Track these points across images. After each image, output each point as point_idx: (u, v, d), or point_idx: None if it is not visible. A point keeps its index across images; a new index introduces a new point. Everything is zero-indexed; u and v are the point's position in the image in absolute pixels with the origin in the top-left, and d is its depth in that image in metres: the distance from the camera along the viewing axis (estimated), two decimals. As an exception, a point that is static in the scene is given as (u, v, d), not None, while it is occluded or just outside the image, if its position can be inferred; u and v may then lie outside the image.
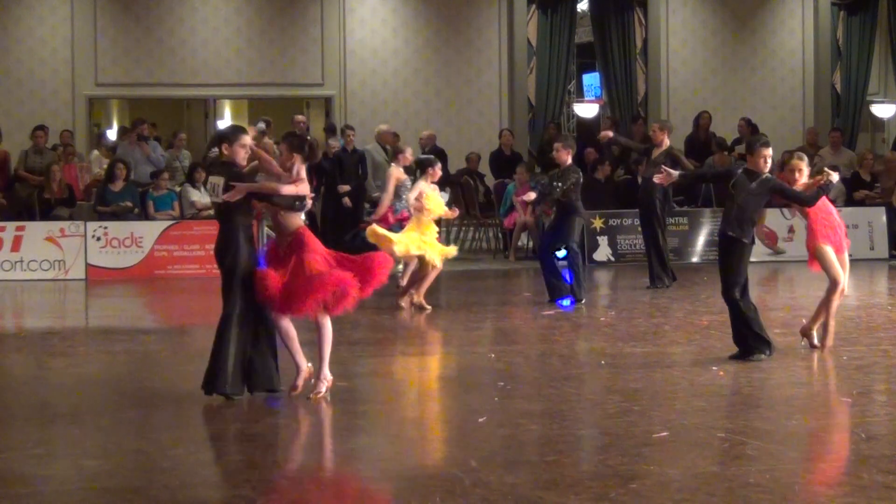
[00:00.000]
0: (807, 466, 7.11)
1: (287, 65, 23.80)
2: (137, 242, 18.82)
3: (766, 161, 10.53)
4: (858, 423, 8.18)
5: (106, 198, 19.43)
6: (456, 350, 11.96)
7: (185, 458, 7.75)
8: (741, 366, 10.37)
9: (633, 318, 13.72)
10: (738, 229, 10.51)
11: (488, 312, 14.52)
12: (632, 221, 19.70)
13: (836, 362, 10.61)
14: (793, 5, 25.54)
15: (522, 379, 10.30)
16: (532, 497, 6.53)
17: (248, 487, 6.94)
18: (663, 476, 6.94)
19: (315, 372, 9.19)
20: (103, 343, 12.65)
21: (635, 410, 8.68)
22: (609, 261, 20.03)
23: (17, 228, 18.75)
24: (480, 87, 24.41)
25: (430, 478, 7.05)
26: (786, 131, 24.84)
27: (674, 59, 25.09)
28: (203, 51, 23.54)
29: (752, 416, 8.67)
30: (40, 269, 18.58)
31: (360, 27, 24.04)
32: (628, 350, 11.37)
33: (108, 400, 9.38)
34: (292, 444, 8.13)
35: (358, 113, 23.65)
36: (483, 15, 24.47)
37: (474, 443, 7.87)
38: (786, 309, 14.27)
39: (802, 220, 11.39)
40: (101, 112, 26.80)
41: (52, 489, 6.94)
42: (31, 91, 23.05)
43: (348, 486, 6.93)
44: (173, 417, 8.74)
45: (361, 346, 12.18)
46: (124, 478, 7.12)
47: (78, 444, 8.01)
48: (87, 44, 23.11)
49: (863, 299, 16.00)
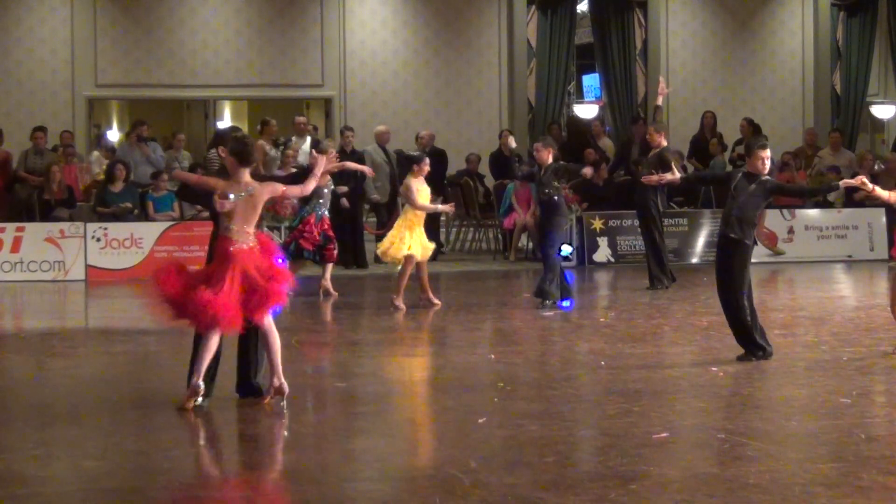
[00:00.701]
0: (807, 467, 7.11)
1: (287, 66, 23.81)
2: (137, 243, 18.82)
3: (763, 163, 10.53)
4: (858, 424, 8.17)
5: (106, 199, 19.43)
6: (455, 351, 11.95)
7: (185, 459, 7.75)
8: (741, 366, 10.37)
9: (633, 319, 13.72)
10: (739, 231, 10.50)
11: (488, 313, 14.52)
12: (631, 222, 19.68)
13: (835, 363, 10.61)
14: (793, 6, 25.54)
15: (522, 380, 10.29)
16: (532, 498, 6.53)
17: (248, 488, 6.94)
18: (663, 477, 6.93)
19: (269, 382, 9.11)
20: (103, 344, 12.65)
21: (635, 411, 8.67)
22: (609, 262, 20.03)
23: (16, 229, 18.74)
24: (480, 88, 24.41)
25: (430, 478, 7.05)
26: (786, 132, 24.85)
27: (673, 61, 25.10)
28: (203, 52, 23.54)
29: (752, 416, 8.67)
30: (40, 270, 18.57)
31: (361, 28, 24.05)
32: (628, 351, 11.37)
33: (107, 401, 9.37)
34: (292, 445, 8.12)
35: (358, 114, 23.65)
36: (483, 16, 24.47)
37: (474, 443, 7.86)
38: (785, 310, 14.28)
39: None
40: (102, 113, 26.80)
41: (52, 490, 6.93)
42: (31, 92, 23.05)
43: (347, 486, 6.92)
44: (173, 418, 8.72)
45: (360, 347, 12.19)
46: (124, 478, 7.12)
47: (77, 445, 8.01)
48: (86, 45, 23.11)
49: (862, 300, 16.01)
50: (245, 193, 8.79)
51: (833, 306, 15.08)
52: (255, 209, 8.84)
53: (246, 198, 8.78)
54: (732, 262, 10.53)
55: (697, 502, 6.42)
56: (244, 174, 8.84)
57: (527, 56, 24.37)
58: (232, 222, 8.76)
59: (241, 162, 8.83)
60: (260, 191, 8.85)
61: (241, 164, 8.84)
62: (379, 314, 14.96)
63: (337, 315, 14.75)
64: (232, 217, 8.77)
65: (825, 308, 14.82)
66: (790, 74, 25.55)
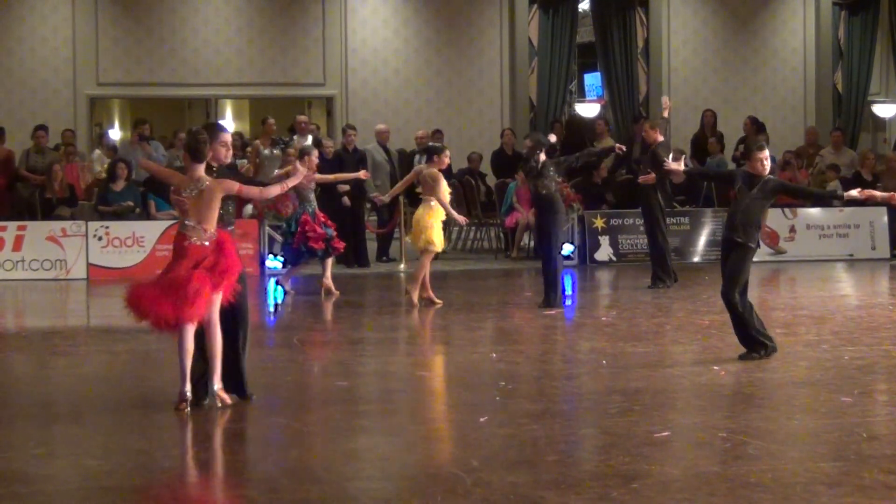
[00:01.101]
0: (808, 466, 7.10)
1: (289, 64, 23.82)
2: (139, 242, 18.82)
3: (763, 164, 10.52)
4: (860, 423, 8.17)
5: (107, 197, 19.43)
6: (457, 350, 11.95)
7: (186, 458, 7.75)
8: (742, 365, 10.37)
9: (635, 317, 13.71)
10: (743, 235, 10.49)
11: (490, 312, 14.52)
12: (633, 221, 19.71)
13: (837, 362, 10.61)
14: (794, 5, 25.54)
15: (524, 378, 10.29)
16: (533, 497, 6.53)
17: (250, 487, 6.94)
18: (665, 476, 6.93)
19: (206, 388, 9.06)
20: (105, 343, 12.65)
21: (636, 410, 8.68)
22: (611, 260, 20.02)
23: (18, 228, 18.74)
24: (482, 86, 24.42)
25: (432, 477, 7.05)
26: (787, 131, 24.85)
27: (675, 59, 25.10)
28: (204, 50, 23.55)
29: (754, 415, 8.66)
30: (42, 268, 18.57)
31: (362, 27, 24.06)
32: (630, 350, 11.37)
33: (109, 399, 9.38)
34: (293, 444, 8.12)
35: (359, 112, 23.65)
36: (484, 15, 24.48)
37: (475, 442, 7.86)
38: (787, 308, 14.28)
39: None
40: (104, 112, 26.81)
41: (53, 488, 6.94)
42: (33, 90, 23.07)
43: (349, 485, 6.92)
44: (174, 417, 8.72)
45: (362, 346, 12.19)
46: (125, 477, 7.11)
47: (79, 444, 8.01)
48: (88, 43, 23.12)
49: (864, 299, 16.01)
50: (196, 190, 8.79)
51: (834, 305, 15.08)
52: (210, 206, 8.78)
53: (197, 194, 8.78)
54: (735, 263, 10.51)
55: (699, 501, 6.42)
56: (198, 170, 8.83)
57: (528, 55, 24.38)
58: (186, 218, 8.79)
59: (194, 157, 8.82)
60: (212, 187, 8.80)
61: (194, 159, 8.83)
62: (381, 313, 14.97)
63: (338, 314, 14.75)
64: (186, 213, 8.79)
65: (826, 307, 14.81)
66: (792, 73, 25.56)
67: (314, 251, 15.52)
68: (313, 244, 15.41)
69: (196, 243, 8.76)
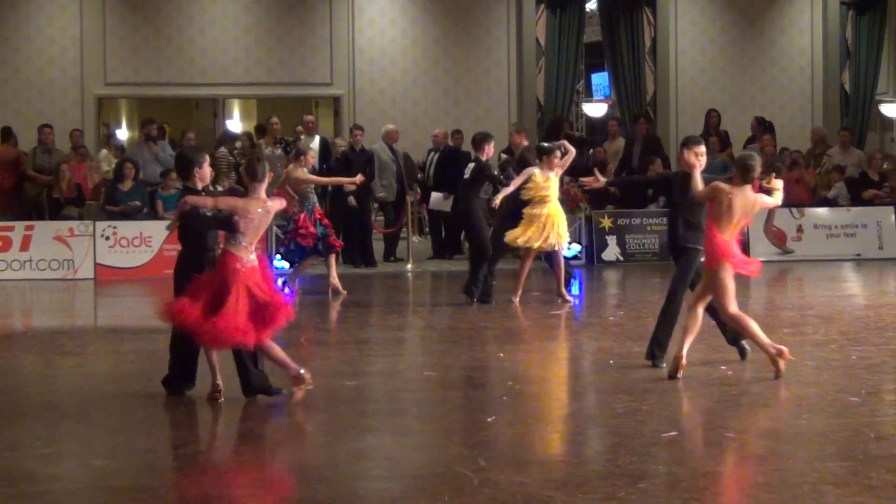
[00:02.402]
0: (815, 466, 7.10)
1: (296, 64, 23.83)
2: (146, 242, 18.82)
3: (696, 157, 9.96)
4: (867, 423, 8.16)
5: (115, 197, 19.44)
6: (464, 349, 11.95)
7: (194, 458, 7.76)
8: (749, 365, 10.36)
9: (642, 317, 13.69)
10: (693, 239, 10.12)
11: (497, 311, 14.51)
12: (640, 221, 19.71)
13: (844, 362, 10.59)
14: (802, 4, 25.51)
15: (531, 378, 10.29)
16: (541, 496, 6.53)
17: (257, 486, 6.94)
18: (672, 475, 6.93)
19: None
20: (112, 342, 12.67)
21: (644, 410, 8.67)
22: (618, 260, 20.00)
23: (26, 228, 18.75)
24: (489, 86, 24.41)
25: (439, 477, 7.05)
26: (794, 130, 24.81)
27: (682, 59, 25.07)
28: (212, 50, 23.57)
29: (761, 415, 8.66)
30: (49, 268, 18.59)
31: (369, 26, 24.06)
32: (637, 349, 11.34)
33: (116, 399, 9.39)
34: (300, 444, 8.13)
35: (367, 112, 23.65)
36: (492, 14, 24.47)
37: (483, 442, 7.87)
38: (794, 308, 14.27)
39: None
40: (111, 112, 26.84)
41: (61, 488, 6.95)
42: (41, 90, 23.10)
43: (357, 484, 6.93)
44: (181, 416, 8.74)
45: (370, 346, 12.20)
46: (132, 477, 7.12)
47: (86, 443, 8.03)
48: (95, 43, 23.15)
49: (871, 299, 15.99)
50: (264, 210, 8.94)
51: (842, 305, 15.06)
52: (265, 225, 9.04)
53: (264, 213, 8.93)
54: (682, 269, 10.26)
55: (706, 501, 6.42)
56: (260, 190, 8.99)
57: (536, 54, 24.36)
58: (243, 238, 8.82)
59: (254, 178, 8.98)
60: (276, 206, 9.06)
61: (254, 180, 8.98)
62: (388, 312, 14.97)
63: (345, 313, 14.75)
64: (245, 233, 8.82)
65: (834, 307, 14.79)
66: (799, 73, 25.52)
67: (304, 249, 15.49)
68: (302, 241, 15.40)
69: (248, 266, 8.84)
